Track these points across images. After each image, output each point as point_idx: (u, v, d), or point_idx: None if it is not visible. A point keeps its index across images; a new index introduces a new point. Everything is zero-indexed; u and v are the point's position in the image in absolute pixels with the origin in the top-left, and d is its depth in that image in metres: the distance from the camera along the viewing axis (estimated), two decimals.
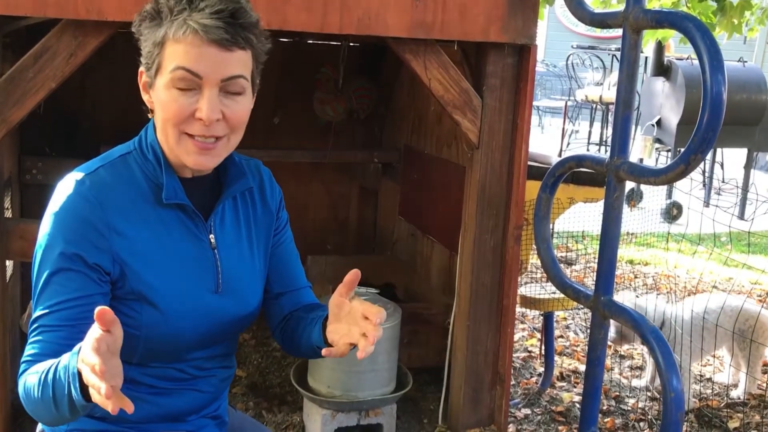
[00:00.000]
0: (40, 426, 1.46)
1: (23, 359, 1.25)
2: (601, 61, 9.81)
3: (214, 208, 1.40)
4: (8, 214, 2.67)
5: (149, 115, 1.35)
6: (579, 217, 4.49)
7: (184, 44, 1.22)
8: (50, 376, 1.15)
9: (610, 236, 1.91)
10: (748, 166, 6.96)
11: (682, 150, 1.66)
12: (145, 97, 1.33)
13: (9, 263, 2.59)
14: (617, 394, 3.24)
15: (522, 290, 3.11)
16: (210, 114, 1.24)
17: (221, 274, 1.39)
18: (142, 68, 1.32)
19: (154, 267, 1.32)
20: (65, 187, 1.29)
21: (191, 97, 1.25)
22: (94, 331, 1.03)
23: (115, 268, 1.29)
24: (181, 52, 1.23)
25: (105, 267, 1.28)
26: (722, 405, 3.17)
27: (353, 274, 1.25)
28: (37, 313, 1.26)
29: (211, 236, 1.39)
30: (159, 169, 1.33)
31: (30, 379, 1.20)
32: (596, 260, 1.98)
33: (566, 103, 9.60)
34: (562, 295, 2.66)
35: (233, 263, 1.42)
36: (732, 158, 7.90)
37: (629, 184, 4.34)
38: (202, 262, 1.38)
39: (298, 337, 1.47)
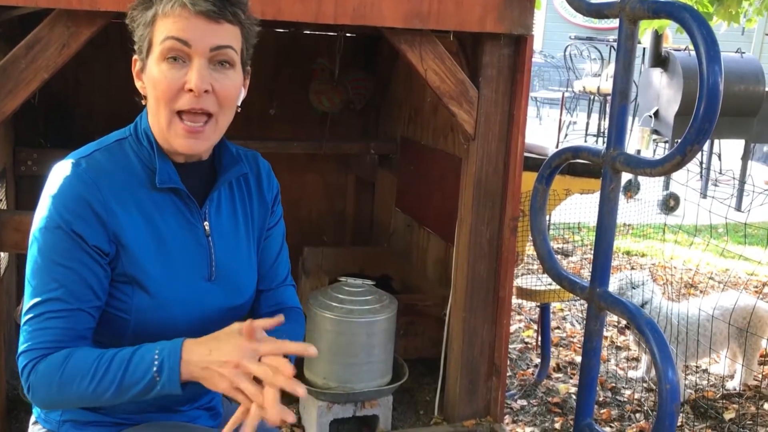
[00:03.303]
0: (33, 417, 1.46)
1: (46, 344, 1.23)
2: (599, 52, 9.79)
3: (209, 195, 1.40)
4: (3, 205, 2.66)
5: (143, 102, 1.35)
6: (576, 208, 4.48)
7: (172, 17, 1.25)
8: (124, 360, 1.19)
9: (605, 228, 1.90)
10: (746, 157, 6.96)
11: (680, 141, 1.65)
12: (138, 84, 1.34)
13: (3, 255, 2.58)
14: (613, 385, 3.25)
15: (518, 282, 3.11)
16: (199, 83, 1.25)
17: (215, 262, 1.39)
18: (135, 56, 1.33)
19: (147, 251, 1.31)
20: (61, 170, 1.29)
21: (180, 70, 1.26)
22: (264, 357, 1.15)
23: (112, 248, 1.29)
24: (169, 24, 1.25)
25: (103, 248, 1.28)
26: (718, 396, 3.18)
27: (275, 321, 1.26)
28: (47, 296, 1.24)
29: (206, 223, 1.39)
30: (153, 154, 1.33)
31: (77, 363, 1.21)
32: (593, 251, 1.97)
33: (564, 94, 9.59)
34: (558, 287, 2.65)
35: (228, 251, 1.41)
36: (729, 149, 7.89)
37: (626, 175, 4.34)
38: (196, 248, 1.37)
39: None
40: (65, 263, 1.24)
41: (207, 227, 1.39)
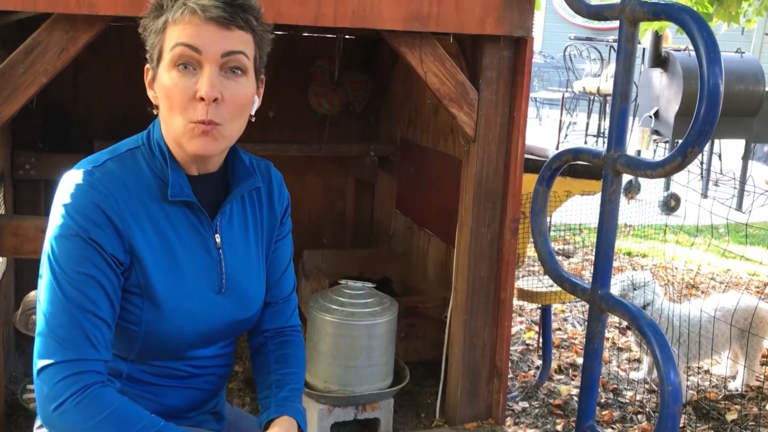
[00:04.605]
0: (38, 422, 1.44)
1: (87, 356, 1.21)
2: (599, 52, 9.79)
3: (222, 208, 1.38)
4: (1, 210, 2.65)
5: (154, 112, 1.33)
6: (577, 209, 4.48)
7: (182, 24, 1.23)
8: None
9: (606, 229, 1.89)
10: (746, 157, 6.95)
11: (680, 141, 1.65)
12: (150, 93, 1.32)
13: (2, 260, 2.57)
14: (615, 386, 3.24)
15: (519, 283, 3.10)
16: (209, 90, 1.22)
17: (225, 275, 1.38)
18: (147, 65, 1.31)
19: (158, 264, 1.30)
20: (73, 178, 1.26)
21: (191, 78, 1.24)
22: None
23: (127, 258, 1.27)
24: (179, 30, 1.23)
25: (119, 257, 1.26)
26: (720, 397, 3.17)
27: None
28: (69, 306, 1.21)
29: (217, 236, 1.37)
30: (165, 165, 1.31)
31: (123, 415, 1.21)
32: (594, 253, 1.97)
33: (563, 94, 9.58)
34: (559, 288, 2.65)
35: (238, 264, 1.40)
36: (730, 149, 7.89)
37: (627, 176, 4.34)
38: (207, 261, 1.36)
39: (258, 384, 1.50)
40: (85, 271, 1.22)
41: (218, 240, 1.37)
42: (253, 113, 1.35)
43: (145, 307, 1.29)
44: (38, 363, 1.22)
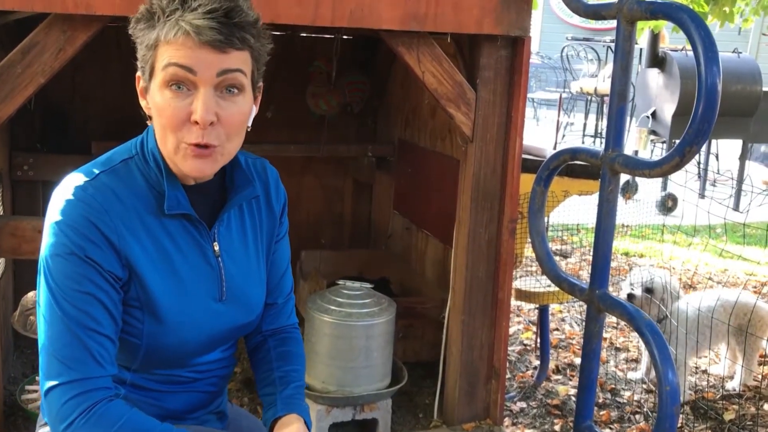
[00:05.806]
0: (43, 419, 1.44)
1: (92, 375, 1.20)
2: (596, 52, 9.81)
3: (219, 217, 1.36)
4: None
5: (148, 122, 1.30)
6: (574, 209, 4.48)
7: (175, 45, 1.18)
8: None
9: (604, 229, 1.90)
10: (743, 157, 6.96)
11: (678, 141, 1.65)
12: (142, 102, 1.29)
13: (0, 260, 2.57)
14: (613, 386, 3.24)
15: (517, 283, 3.10)
16: (205, 115, 1.19)
17: (225, 282, 1.37)
18: (138, 73, 1.28)
19: (157, 277, 1.28)
20: (65, 194, 1.23)
21: (185, 99, 1.20)
22: None
23: (125, 273, 1.26)
24: (172, 50, 1.18)
25: (117, 273, 1.24)
26: (718, 397, 3.18)
27: None
28: (70, 325, 1.19)
29: (215, 244, 1.36)
30: (161, 176, 1.29)
31: (133, 427, 1.21)
32: (591, 253, 1.97)
33: (561, 95, 9.59)
34: (557, 288, 2.65)
35: (238, 270, 1.39)
36: (727, 149, 7.90)
37: (624, 176, 4.34)
38: (206, 270, 1.35)
39: (259, 381, 1.50)
40: (84, 289, 1.20)
41: (216, 248, 1.36)
42: (249, 123, 1.31)
43: (146, 320, 1.28)
44: (45, 384, 1.21)
